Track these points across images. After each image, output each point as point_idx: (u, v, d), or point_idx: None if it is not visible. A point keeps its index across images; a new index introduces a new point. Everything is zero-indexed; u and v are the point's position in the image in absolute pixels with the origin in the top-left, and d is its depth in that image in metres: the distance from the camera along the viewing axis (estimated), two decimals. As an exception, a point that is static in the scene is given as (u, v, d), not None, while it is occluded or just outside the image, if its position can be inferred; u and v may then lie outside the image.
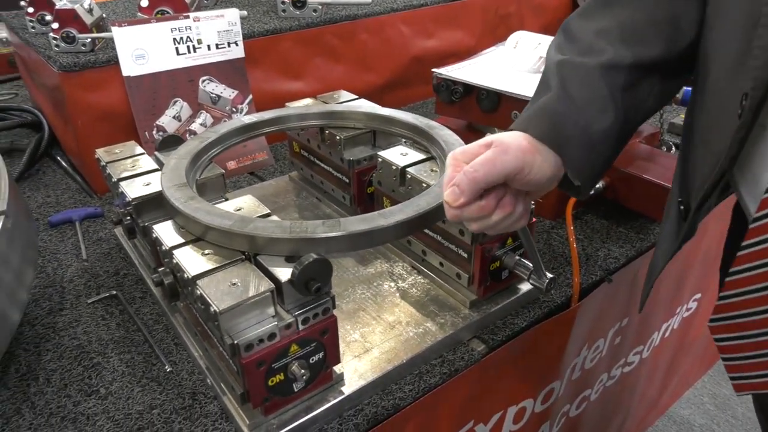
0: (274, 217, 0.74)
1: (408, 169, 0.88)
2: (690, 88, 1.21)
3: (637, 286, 1.13)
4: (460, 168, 0.63)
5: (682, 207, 0.74)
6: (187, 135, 1.28)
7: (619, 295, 1.09)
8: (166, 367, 0.80)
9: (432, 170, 0.87)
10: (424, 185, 0.84)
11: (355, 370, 0.77)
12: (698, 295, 1.48)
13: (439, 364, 0.81)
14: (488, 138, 0.65)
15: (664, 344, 1.45)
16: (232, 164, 1.33)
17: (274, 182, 1.27)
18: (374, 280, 0.95)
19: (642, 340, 1.32)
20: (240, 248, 0.69)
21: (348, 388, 0.74)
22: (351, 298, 0.91)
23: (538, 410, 1.05)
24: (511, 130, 0.67)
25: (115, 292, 0.94)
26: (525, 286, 0.91)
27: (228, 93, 1.32)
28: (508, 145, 0.63)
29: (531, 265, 0.84)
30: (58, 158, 1.39)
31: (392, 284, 0.94)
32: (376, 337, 0.83)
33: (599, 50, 0.68)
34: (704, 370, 1.89)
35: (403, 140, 1.02)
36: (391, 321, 0.86)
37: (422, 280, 0.94)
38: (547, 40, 1.30)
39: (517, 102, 1.09)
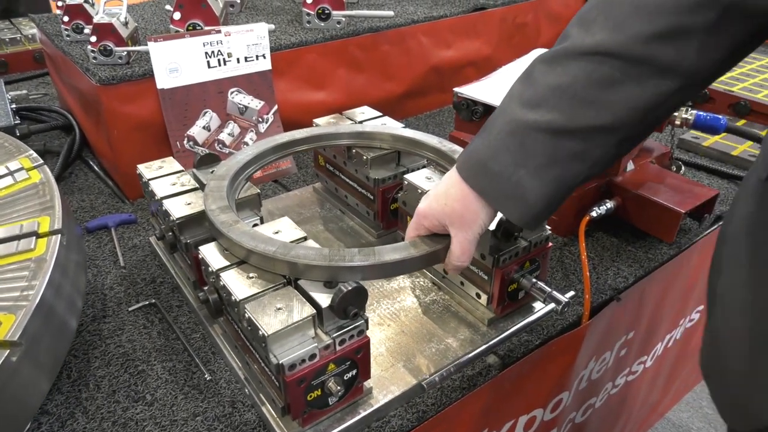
0: (311, 242, 0.80)
1: (433, 194, 0.93)
2: (701, 113, 1.25)
3: (644, 303, 1.18)
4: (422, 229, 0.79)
5: None
6: (215, 144, 1.33)
7: (627, 311, 1.15)
8: (206, 375, 0.87)
9: (456, 196, 0.92)
10: (449, 211, 0.89)
11: (383, 384, 0.83)
12: (701, 307, 1.53)
13: (459, 379, 0.87)
14: (438, 212, 0.75)
15: (666, 353, 1.51)
16: (257, 173, 1.38)
17: (299, 192, 1.32)
18: (397, 295, 1.01)
19: (646, 350, 1.38)
20: (282, 272, 0.75)
21: (376, 401, 0.80)
22: (376, 312, 0.97)
23: (547, 419, 1.11)
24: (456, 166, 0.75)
25: (154, 301, 1.00)
26: (539, 305, 0.97)
27: (255, 104, 1.37)
28: (467, 225, 0.74)
29: (547, 288, 0.89)
30: (90, 162, 1.44)
31: (414, 300, 1.00)
32: (401, 352, 0.89)
33: (545, 108, 0.64)
34: (704, 375, 1.95)
35: (426, 161, 1.08)
36: (414, 336, 0.92)
37: (443, 297, 1.00)
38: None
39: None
